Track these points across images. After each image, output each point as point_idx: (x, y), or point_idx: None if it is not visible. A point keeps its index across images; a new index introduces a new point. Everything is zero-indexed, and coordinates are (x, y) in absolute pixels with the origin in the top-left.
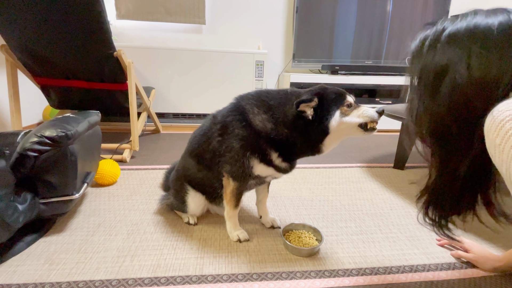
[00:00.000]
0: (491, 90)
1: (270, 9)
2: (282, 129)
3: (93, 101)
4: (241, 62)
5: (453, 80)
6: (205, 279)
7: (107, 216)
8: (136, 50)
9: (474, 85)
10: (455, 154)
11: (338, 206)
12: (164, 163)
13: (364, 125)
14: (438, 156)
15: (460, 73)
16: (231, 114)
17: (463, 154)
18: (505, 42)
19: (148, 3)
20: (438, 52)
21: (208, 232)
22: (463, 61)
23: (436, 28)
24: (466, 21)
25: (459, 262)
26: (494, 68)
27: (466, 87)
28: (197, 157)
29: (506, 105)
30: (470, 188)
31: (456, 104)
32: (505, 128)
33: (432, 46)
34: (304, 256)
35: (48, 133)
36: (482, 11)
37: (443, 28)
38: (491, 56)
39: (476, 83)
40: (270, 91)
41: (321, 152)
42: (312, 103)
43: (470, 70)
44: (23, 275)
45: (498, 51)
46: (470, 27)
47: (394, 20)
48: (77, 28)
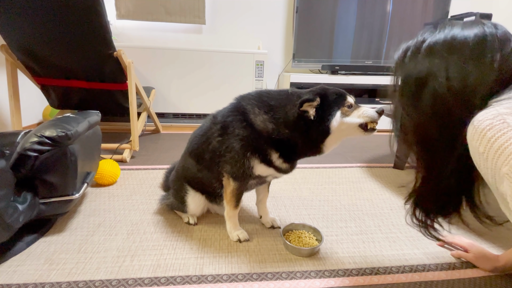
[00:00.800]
0: (469, 99)
1: (270, 9)
2: (283, 130)
3: (93, 101)
4: (241, 62)
5: (434, 90)
6: (205, 279)
7: (107, 216)
8: (136, 50)
9: (453, 95)
10: (439, 160)
11: (338, 206)
12: (164, 163)
13: (364, 126)
14: (423, 161)
15: (439, 83)
16: (231, 114)
17: (446, 159)
18: (480, 53)
19: (148, 3)
20: (419, 62)
21: (208, 232)
22: (442, 72)
23: (417, 39)
24: (444, 33)
25: (459, 262)
26: (471, 78)
27: (446, 97)
28: (197, 157)
29: (485, 114)
30: (455, 191)
31: (437, 112)
32: (487, 137)
33: (414, 56)
34: (304, 256)
35: (48, 133)
36: (459, 23)
37: (423, 39)
38: (468, 66)
39: (455, 93)
40: (271, 92)
41: (322, 152)
42: (314, 102)
43: (449, 81)
44: (23, 275)
45: (474, 62)
46: (448, 39)
47: (394, 20)
48: (77, 28)
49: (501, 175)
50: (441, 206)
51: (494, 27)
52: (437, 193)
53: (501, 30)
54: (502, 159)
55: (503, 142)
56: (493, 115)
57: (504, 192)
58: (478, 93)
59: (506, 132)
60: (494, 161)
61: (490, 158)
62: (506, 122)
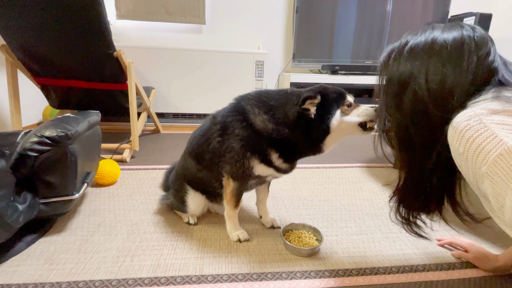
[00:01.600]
0: (447, 101)
1: (270, 9)
2: (283, 130)
3: (93, 101)
4: (241, 62)
5: (414, 92)
6: (205, 279)
7: (107, 216)
8: (136, 50)
9: (432, 96)
10: (419, 159)
11: (338, 206)
12: (164, 163)
13: (363, 125)
14: (405, 160)
15: (419, 85)
16: (231, 114)
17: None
18: (458, 56)
19: (148, 3)
20: (401, 64)
21: (208, 232)
22: (422, 74)
23: (400, 41)
24: (425, 36)
25: (459, 262)
26: (449, 80)
27: (425, 98)
28: (197, 157)
29: (462, 116)
30: (436, 189)
31: (417, 113)
32: (465, 137)
33: (397, 58)
34: (304, 256)
35: (48, 133)
36: (439, 26)
37: (406, 41)
38: (446, 69)
39: (433, 95)
40: (270, 92)
41: (322, 151)
42: (316, 100)
43: (428, 83)
44: (23, 275)
45: (452, 65)
46: (428, 41)
47: (394, 20)
48: (77, 28)
49: (481, 174)
50: (423, 203)
51: (472, 30)
52: (418, 191)
53: (479, 33)
54: (481, 158)
55: (480, 142)
56: (470, 116)
57: (485, 190)
58: (456, 95)
59: (483, 132)
60: (473, 160)
61: (470, 158)
62: (483, 123)
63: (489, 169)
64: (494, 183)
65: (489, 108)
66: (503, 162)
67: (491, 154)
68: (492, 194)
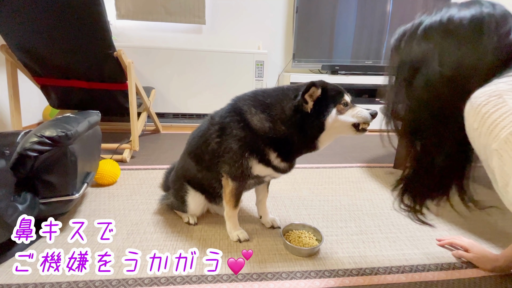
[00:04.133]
0: (462, 86)
1: (270, 9)
2: (280, 127)
3: (93, 101)
4: (241, 62)
5: (426, 76)
6: (205, 279)
7: (107, 216)
8: (136, 50)
9: (446, 82)
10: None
11: (338, 206)
12: (164, 163)
13: (357, 125)
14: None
15: (432, 69)
16: (229, 115)
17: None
18: (477, 36)
19: (148, 3)
20: (414, 47)
21: (208, 232)
22: (436, 58)
23: (413, 22)
24: (440, 15)
25: (459, 262)
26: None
27: (437, 84)
28: (196, 157)
29: (482, 91)
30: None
31: (428, 99)
32: (481, 112)
33: (409, 41)
34: (304, 256)
35: (48, 133)
36: (456, 5)
37: (419, 22)
38: (463, 50)
39: (447, 80)
40: (266, 90)
41: (317, 148)
42: (318, 91)
43: (441, 67)
44: (23, 275)
45: (469, 45)
46: (444, 21)
47: (394, 20)
48: (77, 28)
49: (491, 150)
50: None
51: (492, 7)
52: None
53: (500, 9)
54: (493, 134)
55: (496, 118)
56: (491, 90)
57: (493, 168)
58: (474, 79)
59: (500, 107)
60: (486, 136)
61: (483, 134)
62: (502, 98)
63: (499, 146)
64: (502, 160)
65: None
66: None
67: (504, 130)
68: (498, 171)
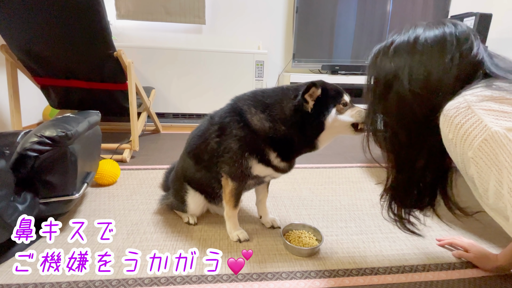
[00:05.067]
0: (431, 99)
1: (270, 9)
2: (280, 127)
3: (93, 101)
4: (241, 62)
5: (398, 92)
6: (205, 279)
7: (107, 216)
8: (136, 50)
9: (415, 96)
10: (409, 158)
11: (338, 206)
12: (164, 163)
13: (355, 125)
14: (394, 159)
15: (402, 84)
16: (228, 115)
17: (417, 157)
18: (440, 53)
19: (148, 3)
20: (386, 64)
21: (208, 232)
22: (405, 73)
23: (387, 41)
24: (408, 35)
25: (459, 262)
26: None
27: (408, 98)
28: (196, 157)
29: (453, 102)
30: (429, 185)
31: (402, 113)
32: (454, 123)
33: (383, 58)
34: (304, 256)
35: (48, 133)
36: (422, 24)
37: (392, 41)
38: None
39: (416, 94)
40: (266, 90)
41: (317, 148)
42: (318, 91)
43: (410, 82)
44: (23, 275)
45: (435, 62)
46: (411, 40)
47: (394, 20)
48: (77, 28)
49: (467, 159)
50: (416, 199)
51: (454, 27)
52: (410, 188)
53: (461, 28)
54: (468, 143)
55: (467, 128)
56: (459, 102)
57: (472, 175)
58: (441, 92)
59: (470, 118)
60: (461, 145)
61: (458, 143)
62: (471, 109)
63: (474, 154)
64: (479, 167)
65: (479, 94)
66: (487, 147)
67: (477, 139)
68: (477, 178)
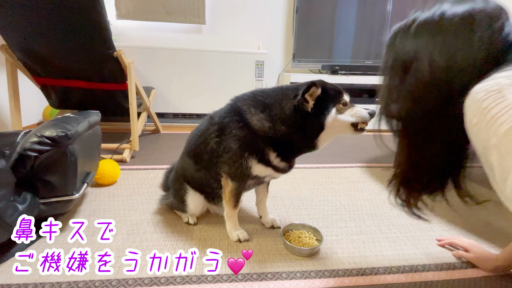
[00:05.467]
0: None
1: (270, 9)
2: (280, 127)
3: (93, 101)
4: (241, 62)
5: (417, 73)
6: (205, 279)
7: (107, 216)
8: (136, 50)
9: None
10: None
11: (338, 206)
12: (164, 163)
13: (355, 125)
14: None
15: (423, 67)
16: (228, 115)
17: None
18: (468, 32)
19: (148, 3)
20: (407, 44)
21: (208, 232)
22: (427, 54)
23: (408, 19)
24: (432, 11)
25: (459, 262)
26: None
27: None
28: (195, 157)
29: (481, 85)
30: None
31: (420, 96)
32: (481, 107)
33: (403, 38)
34: (304, 256)
35: (48, 133)
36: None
37: (413, 19)
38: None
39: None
40: (265, 90)
41: (317, 148)
42: (318, 90)
43: (432, 63)
44: (23, 275)
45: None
46: (435, 17)
47: (394, 20)
48: (77, 28)
49: (490, 145)
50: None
51: (485, 2)
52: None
53: (492, 5)
54: (493, 129)
55: (495, 113)
56: (490, 85)
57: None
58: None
59: (500, 102)
60: (485, 131)
61: (482, 129)
62: (502, 93)
63: (499, 141)
64: (501, 155)
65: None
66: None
67: (504, 125)
68: (497, 167)
